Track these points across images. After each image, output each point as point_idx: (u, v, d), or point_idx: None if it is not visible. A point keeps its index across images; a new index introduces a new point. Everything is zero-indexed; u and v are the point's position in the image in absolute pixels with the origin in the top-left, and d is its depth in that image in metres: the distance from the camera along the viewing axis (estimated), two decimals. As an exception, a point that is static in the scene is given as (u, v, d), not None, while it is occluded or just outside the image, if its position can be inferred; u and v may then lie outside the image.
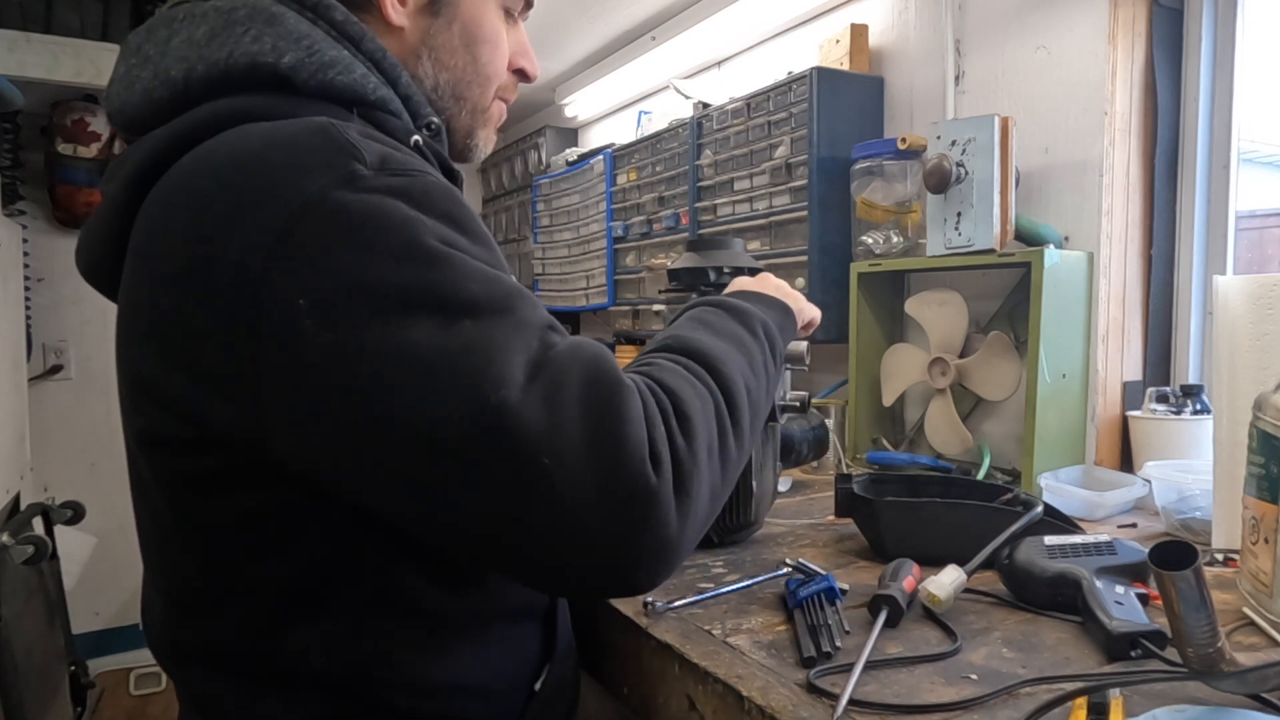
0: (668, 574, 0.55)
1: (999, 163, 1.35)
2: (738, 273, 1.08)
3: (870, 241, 1.60)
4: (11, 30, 2.13)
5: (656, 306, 2.23)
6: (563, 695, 0.78)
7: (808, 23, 1.97)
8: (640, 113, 2.51)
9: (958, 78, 1.60)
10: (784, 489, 1.43)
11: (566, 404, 0.51)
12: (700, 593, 0.90)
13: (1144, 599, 0.82)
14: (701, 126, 2.01)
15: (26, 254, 2.39)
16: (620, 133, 2.74)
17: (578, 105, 2.82)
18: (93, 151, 2.45)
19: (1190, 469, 1.17)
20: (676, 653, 0.76)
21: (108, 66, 2.17)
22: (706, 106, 2.03)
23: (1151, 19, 1.37)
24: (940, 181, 1.38)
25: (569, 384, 0.52)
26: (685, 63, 2.31)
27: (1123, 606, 0.77)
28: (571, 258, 2.71)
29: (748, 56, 2.19)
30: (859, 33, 1.75)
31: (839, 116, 1.69)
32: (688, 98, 2.14)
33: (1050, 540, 0.89)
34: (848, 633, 0.78)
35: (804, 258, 1.71)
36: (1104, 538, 0.89)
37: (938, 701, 0.65)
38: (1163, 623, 0.70)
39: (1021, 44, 1.49)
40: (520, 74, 0.82)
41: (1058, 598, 0.83)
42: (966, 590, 0.86)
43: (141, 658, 2.61)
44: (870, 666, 0.71)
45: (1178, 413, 1.30)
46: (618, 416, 0.52)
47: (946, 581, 0.83)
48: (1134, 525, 1.18)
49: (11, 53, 2.11)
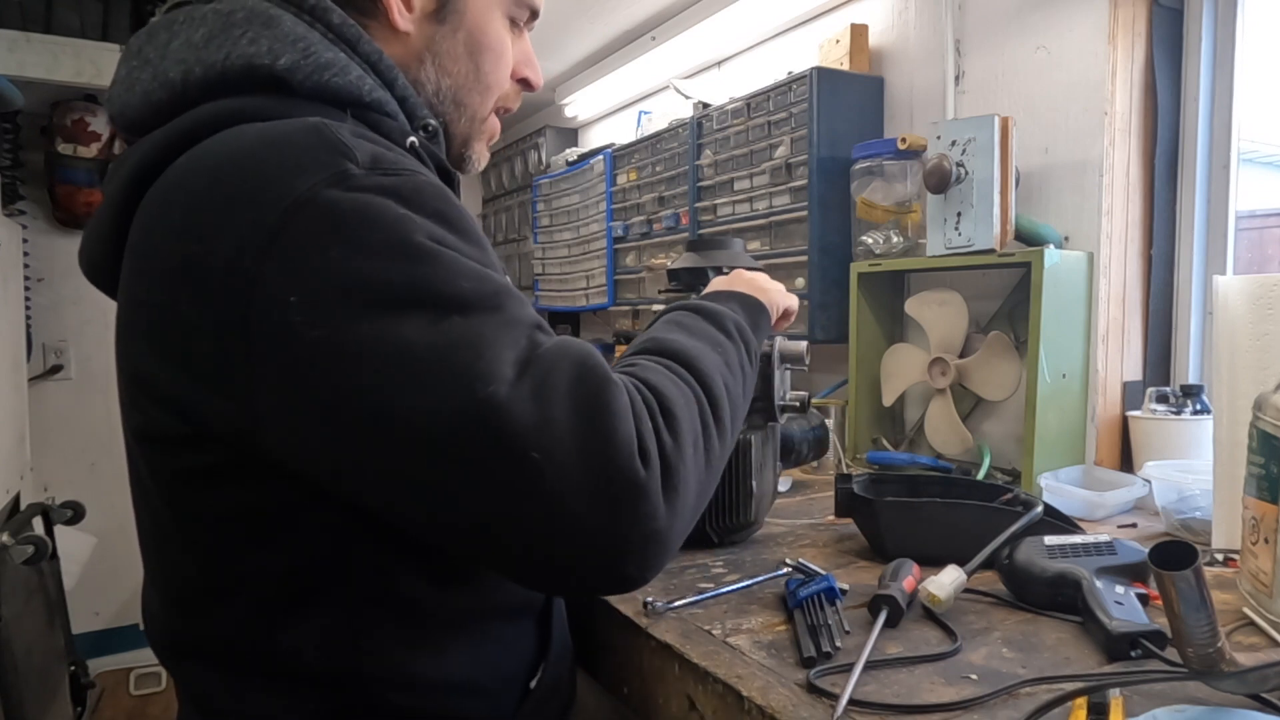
0: (658, 568, 0.55)
1: (999, 163, 1.35)
2: (738, 273, 1.08)
3: (870, 241, 1.60)
4: (11, 30, 2.13)
5: (656, 306, 2.23)
6: (558, 694, 0.78)
7: (808, 23, 1.97)
8: (640, 113, 2.51)
9: (958, 78, 1.60)
10: (784, 489, 1.43)
11: (556, 400, 0.52)
12: (700, 593, 0.90)
13: (1144, 599, 0.82)
14: (701, 126, 2.01)
15: (26, 254, 2.39)
16: (620, 133, 2.74)
17: (578, 105, 2.82)
18: (93, 151, 2.45)
19: (1190, 469, 1.17)
20: (676, 653, 0.76)
21: (108, 66, 2.19)
22: (706, 106, 2.03)
23: (1151, 19, 1.37)
24: (940, 181, 1.38)
25: (558, 380, 0.53)
26: (685, 63, 2.31)
27: (1123, 606, 0.77)
28: (571, 258, 2.71)
29: (748, 56, 2.19)
30: (859, 33, 1.75)
31: (839, 116, 1.69)
32: (688, 98, 2.14)
33: (1050, 540, 0.89)
34: (848, 633, 0.78)
35: (804, 258, 1.71)
36: (1104, 538, 0.90)
37: (938, 701, 0.65)
38: (1163, 623, 0.70)
39: (1021, 44, 1.49)
40: (524, 83, 0.82)
41: (1058, 598, 0.83)
42: (966, 590, 0.86)
43: (141, 658, 2.61)
44: (870, 666, 0.71)
45: (1178, 413, 1.30)
46: (606, 412, 0.52)
47: (946, 581, 0.83)
48: (1134, 525, 1.18)
49: (11, 53, 2.11)
